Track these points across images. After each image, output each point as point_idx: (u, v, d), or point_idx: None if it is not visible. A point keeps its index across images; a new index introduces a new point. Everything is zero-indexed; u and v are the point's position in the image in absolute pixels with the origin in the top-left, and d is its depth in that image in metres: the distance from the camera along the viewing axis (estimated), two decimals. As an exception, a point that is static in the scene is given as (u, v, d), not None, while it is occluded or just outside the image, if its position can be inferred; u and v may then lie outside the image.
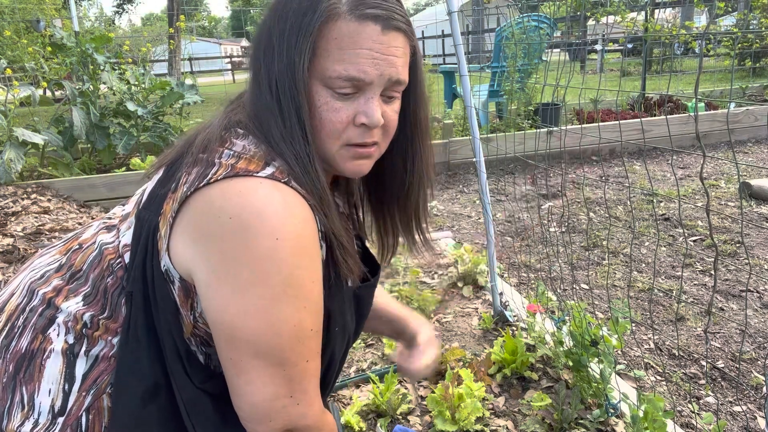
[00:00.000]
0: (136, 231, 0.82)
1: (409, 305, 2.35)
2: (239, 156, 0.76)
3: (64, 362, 0.80)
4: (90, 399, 0.80)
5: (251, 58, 0.85)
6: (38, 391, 0.79)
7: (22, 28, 8.70)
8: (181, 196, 0.75)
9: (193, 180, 0.76)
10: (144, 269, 0.79)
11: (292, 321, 0.75)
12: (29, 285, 0.87)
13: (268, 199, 0.73)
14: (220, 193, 0.73)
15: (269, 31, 0.81)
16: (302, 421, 0.81)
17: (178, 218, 0.76)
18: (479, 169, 2.10)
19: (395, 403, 1.68)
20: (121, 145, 4.63)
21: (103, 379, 0.81)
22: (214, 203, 0.73)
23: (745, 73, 9.39)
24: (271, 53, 0.80)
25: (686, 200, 3.89)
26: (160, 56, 12.64)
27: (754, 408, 1.76)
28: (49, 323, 0.82)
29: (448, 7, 1.93)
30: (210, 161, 0.76)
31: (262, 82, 0.81)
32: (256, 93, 0.82)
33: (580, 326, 1.64)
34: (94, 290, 0.83)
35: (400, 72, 0.82)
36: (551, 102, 4.94)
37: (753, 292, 2.49)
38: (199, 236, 0.74)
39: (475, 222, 3.75)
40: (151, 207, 0.81)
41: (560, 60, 2.33)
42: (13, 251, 2.89)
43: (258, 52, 0.82)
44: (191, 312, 0.81)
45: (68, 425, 0.79)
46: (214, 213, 0.72)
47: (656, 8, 8.61)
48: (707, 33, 5.85)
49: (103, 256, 0.84)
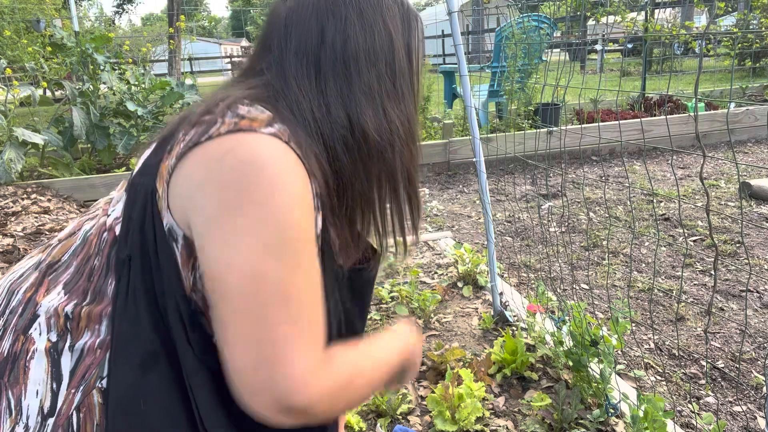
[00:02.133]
0: (128, 200, 0.81)
1: (409, 305, 2.36)
2: (242, 116, 0.77)
3: (48, 361, 0.79)
4: (80, 396, 0.78)
5: (322, 33, 0.86)
6: (25, 393, 0.78)
7: (22, 28, 8.70)
8: (180, 152, 0.75)
9: (193, 137, 0.76)
10: (143, 233, 0.77)
11: (279, 276, 0.71)
12: (9, 286, 0.86)
13: (268, 153, 0.73)
14: (222, 146, 0.73)
15: (369, 18, 0.88)
16: (294, 398, 0.70)
17: (176, 173, 0.75)
18: (479, 169, 2.10)
19: (395, 403, 1.68)
20: (121, 145, 4.63)
21: (91, 374, 0.79)
22: (214, 155, 0.73)
23: (745, 73, 9.39)
24: (380, 38, 0.88)
25: (686, 200, 3.89)
26: (160, 56, 12.63)
27: (754, 408, 1.76)
28: (29, 323, 0.81)
29: (448, 7, 1.93)
30: (212, 120, 0.77)
31: (359, 62, 0.86)
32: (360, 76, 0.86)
33: (580, 326, 1.64)
34: (78, 274, 0.82)
35: None
36: (551, 102, 4.94)
37: (753, 292, 2.49)
38: (197, 187, 0.73)
39: (475, 222, 3.76)
40: (146, 173, 0.80)
41: (560, 60, 2.33)
42: (13, 251, 2.89)
43: (346, 26, 0.86)
44: (192, 272, 0.78)
45: (59, 426, 0.77)
46: (214, 164, 0.72)
47: (656, 8, 8.61)
48: (707, 33, 5.86)
49: (88, 241, 0.84)
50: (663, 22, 9.94)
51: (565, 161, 5.08)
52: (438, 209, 4.07)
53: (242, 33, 23.84)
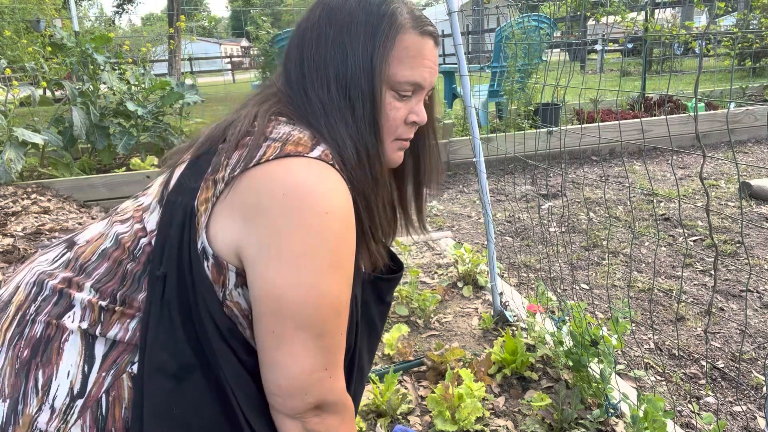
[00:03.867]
0: (164, 216, 0.84)
1: (409, 305, 2.36)
2: (286, 140, 0.82)
3: (83, 343, 0.81)
4: (110, 380, 0.80)
5: (301, 58, 0.91)
6: (56, 373, 0.80)
7: (22, 28, 8.70)
8: (227, 176, 0.79)
9: (239, 161, 0.80)
10: (180, 251, 0.81)
11: (335, 293, 0.80)
12: (37, 278, 0.87)
13: (318, 177, 0.79)
14: (272, 172, 0.78)
15: (334, 35, 0.89)
16: (331, 396, 0.84)
17: (223, 197, 0.80)
18: (479, 169, 2.10)
19: (395, 403, 1.68)
20: (121, 145, 4.63)
21: (123, 359, 0.82)
22: (267, 181, 0.78)
23: (745, 73, 9.39)
24: (342, 55, 0.88)
25: (686, 200, 3.89)
26: (160, 56, 12.63)
27: (754, 408, 1.76)
28: (64, 311, 0.83)
29: (448, 7, 1.93)
30: (256, 144, 0.81)
31: (326, 82, 0.88)
32: (316, 91, 0.88)
33: (580, 326, 1.64)
34: (109, 275, 0.84)
35: (435, 80, 0.98)
36: (551, 102, 4.94)
37: (753, 292, 2.49)
38: (250, 213, 0.78)
39: (475, 222, 3.76)
40: (183, 192, 0.84)
41: (560, 60, 2.33)
42: (13, 251, 2.89)
43: (317, 53, 0.89)
44: (222, 289, 0.83)
45: (88, 407, 0.79)
46: (267, 190, 0.77)
47: (656, 8, 8.61)
48: (707, 33, 5.85)
49: (121, 243, 0.86)
50: (663, 22, 9.95)
51: (565, 161, 5.08)
52: (438, 209, 4.07)
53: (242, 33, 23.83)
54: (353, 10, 0.90)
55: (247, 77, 12.37)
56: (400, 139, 0.96)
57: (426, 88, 0.94)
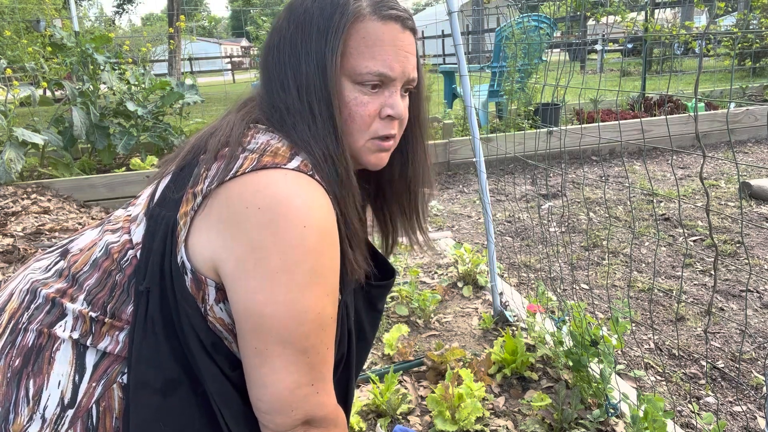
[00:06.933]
0: (149, 229, 0.83)
1: (409, 305, 2.36)
2: (263, 150, 0.79)
3: (74, 353, 0.80)
4: (101, 390, 0.80)
5: (266, 63, 0.89)
6: (47, 383, 0.79)
7: (22, 28, 8.70)
8: (205, 189, 0.77)
9: (216, 174, 0.78)
10: (162, 265, 0.80)
11: (317, 308, 0.77)
12: (30, 286, 0.86)
13: (295, 190, 0.76)
14: (248, 185, 0.75)
15: (291, 36, 0.85)
16: (320, 411, 0.82)
17: (201, 211, 0.78)
18: (479, 169, 2.10)
19: (395, 403, 1.68)
20: (121, 145, 4.63)
21: (113, 368, 0.81)
22: (243, 195, 0.75)
23: (745, 73, 9.39)
24: (296, 56, 0.84)
25: (686, 200, 3.89)
26: (160, 56, 12.64)
27: (754, 408, 1.76)
28: (57, 319, 0.82)
29: (448, 7, 1.93)
30: (233, 156, 0.79)
31: (287, 85, 0.85)
32: (280, 96, 0.85)
33: (580, 326, 1.64)
34: (99, 286, 0.83)
35: (413, 70, 0.89)
36: (551, 102, 4.94)
37: (753, 292, 2.49)
38: (226, 227, 0.76)
39: (475, 222, 3.76)
40: (167, 205, 0.82)
41: (560, 60, 2.33)
42: (13, 251, 2.89)
43: (278, 57, 0.86)
44: (202, 304, 0.81)
45: (78, 417, 0.78)
46: (243, 204, 0.74)
47: (656, 8, 8.61)
48: (707, 33, 5.85)
49: (110, 253, 0.85)
50: (663, 22, 9.94)
51: (565, 161, 5.08)
52: (438, 209, 4.07)
53: (242, 33, 23.84)
54: (308, 7, 0.85)
55: (247, 77, 12.37)
56: (377, 137, 0.88)
57: (396, 77, 0.86)
